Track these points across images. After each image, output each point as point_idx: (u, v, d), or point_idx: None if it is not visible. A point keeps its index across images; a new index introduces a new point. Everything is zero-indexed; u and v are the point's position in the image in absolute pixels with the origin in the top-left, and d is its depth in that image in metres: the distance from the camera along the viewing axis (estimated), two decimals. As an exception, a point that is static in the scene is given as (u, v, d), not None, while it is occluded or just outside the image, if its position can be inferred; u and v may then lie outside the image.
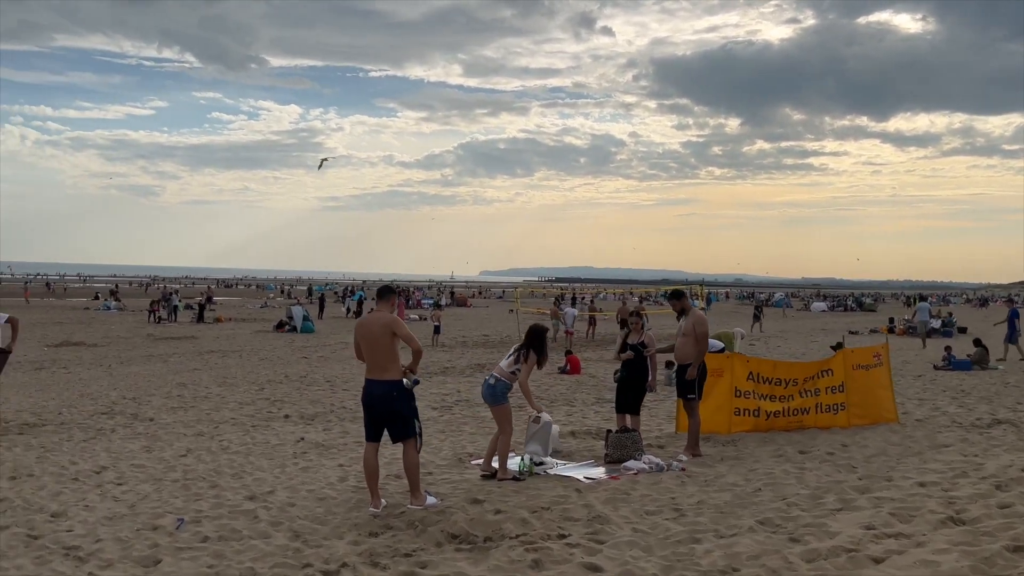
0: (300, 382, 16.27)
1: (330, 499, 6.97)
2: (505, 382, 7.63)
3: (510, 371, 7.68)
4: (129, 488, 7.52)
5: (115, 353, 23.38)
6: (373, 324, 6.68)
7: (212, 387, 15.43)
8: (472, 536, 5.78)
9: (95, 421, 11.43)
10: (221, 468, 8.37)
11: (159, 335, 29.97)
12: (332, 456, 9.05)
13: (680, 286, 53.44)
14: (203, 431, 10.70)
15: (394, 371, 6.59)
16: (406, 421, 6.63)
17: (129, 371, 18.61)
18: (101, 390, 14.95)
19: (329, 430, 10.84)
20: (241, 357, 22.27)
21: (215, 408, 12.74)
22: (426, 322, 37.59)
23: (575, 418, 11.59)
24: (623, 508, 6.32)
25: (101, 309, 46.40)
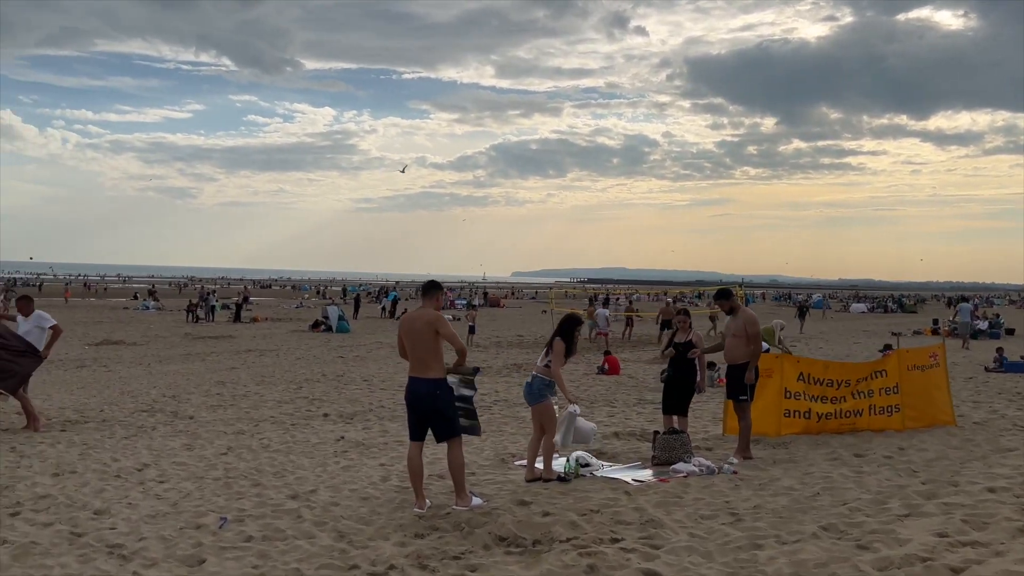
0: (337, 381, 16.23)
1: (373, 499, 6.84)
2: (541, 378, 7.43)
3: (543, 365, 7.49)
4: (171, 486, 7.45)
5: (154, 352, 23.59)
6: (417, 321, 6.53)
7: (250, 385, 15.43)
8: (521, 539, 5.60)
9: (136, 419, 11.44)
10: (262, 466, 8.29)
11: (197, 334, 30.23)
12: (373, 455, 8.93)
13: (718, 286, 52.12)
14: (243, 429, 10.65)
15: (437, 369, 6.43)
16: (450, 420, 6.47)
17: (168, 369, 18.72)
18: (141, 388, 15.02)
19: (369, 429, 10.73)
20: (278, 356, 22.34)
21: (254, 406, 12.71)
22: (460, 322, 37.64)
23: (617, 419, 11.37)
24: (676, 512, 6.10)
25: (140, 309, 47.03)
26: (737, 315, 8.66)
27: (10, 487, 7.35)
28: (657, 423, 10.82)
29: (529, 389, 7.52)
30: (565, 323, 7.60)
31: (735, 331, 8.56)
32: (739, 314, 8.66)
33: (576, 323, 7.66)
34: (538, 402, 7.45)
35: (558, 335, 7.50)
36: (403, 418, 11.52)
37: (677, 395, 8.77)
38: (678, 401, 8.77)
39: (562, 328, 7.55)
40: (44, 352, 10.53)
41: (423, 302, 6.69)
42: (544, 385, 7.41)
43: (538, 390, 7.43)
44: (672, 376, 8.84)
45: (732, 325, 8.66)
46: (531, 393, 7.50)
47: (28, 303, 10.80)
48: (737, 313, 8.69)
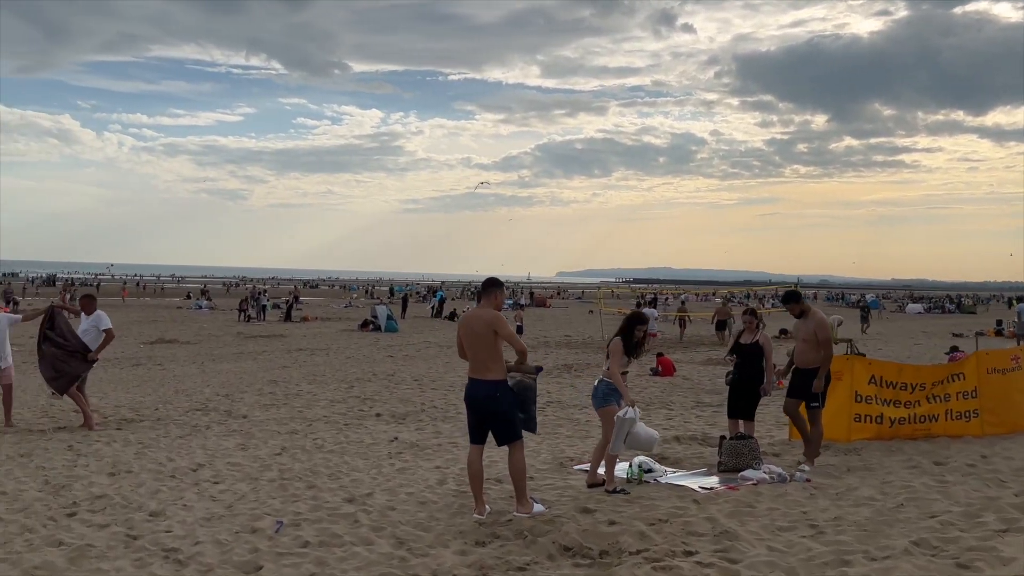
0: (388, 380, 16.13)
1: (431, 503, 6.63)
2: (607, 381, 7.10)
3: (607, 367, 7.16)
4: (226, 487, 7.34)
5: (207, 350, 23.81)
6: (476, 321, 6.29)
7: (303, 384, 15.40)
8: (587, 549, 5.34)
9: (190, 417, 11.43)
10: (317, 468, 8.14)
11: (249, 333, 30.51)
12: (428, 457, 8.73)
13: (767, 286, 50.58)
14: (296, 429, 10.55)
15: (497, 371, 6.19)
16: (510, 423, 6.22)
17: (221, 368, 18.83)
18: (195, 387, 15.08)
19: (422, 430, 10.55)
20: (328, 355, 22.39)
21: (307, 406, 12.64)
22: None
23: (676, 422, 11.02)
24: (751, 523, 5.77)
25: (193, 308, 47.79)
26: (807, 318, 8.21)
27: (67, 486, 7.31)
28: (718, 427, 10.47)
29: (595, 392, 7.23)
30: (627, 321, 7.30)
31: (805, 335, 8.13)
32: (810, 317, 8.21)
33: (639, 321, 7.32)
34: (602, 406, 7.13)
35: (618, 334, 7.20)
36: (456, 419, 11.39)
37: (743, 398, 8.40)
38: (744, 405, 8.41)
39: (623, 327, 7.25)
40: (93, 355, 10.53)
41: (482, 300, 6.45)
42: (610, 389, 7.07)
43: (603, 394, 7.11)
44: (738, 379, 8.47)
45: (802, 329, 8.21)
46: (596, 396, 7.20)
47: (91, 302, 10.84)
48: (808, 316, 8.24)
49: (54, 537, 5.73)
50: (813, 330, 8.07)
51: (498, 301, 6.40)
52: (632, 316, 7.41)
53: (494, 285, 6.44)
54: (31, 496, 6.95)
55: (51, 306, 11.00)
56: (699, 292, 77.72)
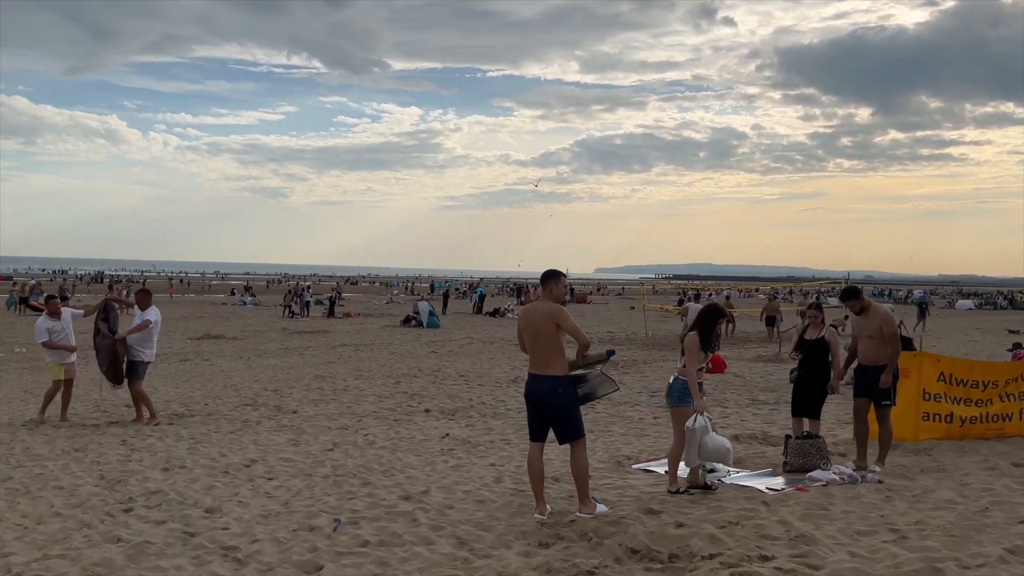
0: (434, 376, 16.03)
1: (489, 502, 6.46)
2: (683, 380, 6.73)
3: (682, 365, 6.84)
4: (280, 483, 7.25)
5: (253, 346, 23.97)
6: (536, 314, 6.10)
7: (349, 380, 15.37)
8: (655, 552, 5.13)
9: (240, 412, 11.42)
10: (370, 464, 8.03)
11: (293, 329, 30.70)
12: (481, 454, 8.57)
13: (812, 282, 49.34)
14: (347, 424, 10.47)
15: (559, 366, 5.99)
16: (573, 420, 6.02)
17: (267, 363, 18.91)
18: (243, 382, 15.12)
19: (472, 426, 10.40)
20: (372, 351, 22.40)
21: (355, 401, 12.57)
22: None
23: (732, 420, 10.73)
24: (827, 526, 5.51)
25: (237, 304, 48.35)
26: (869, 314, 7.83)
27: (122, 481, 7.29)
28: (777, 425, 10.18)
29: (669, 391, 6.88)
30: (704, 315, 6.90)
31: (870, 332, 7.75)
32: (871, 313, 7.84)
33: (718, 315, 6.93)
34: (676, 406, 6.75)
35: (693, 328, 6.85)
36: (505, 415, 11.24)
37: (809, 396, 8.08)
38: (810, 402, 8.09)
39: (699, 321, 6.86)
40: (122, 335, 10.54)
41: (542, 293, 6.24)
42: (686, 388, 6.70)
43: (678, 393, 6.72)
44: (803, 376, 8.15)
45: (865, 326, 7.81)
46: (671, 395, 6.84)
47: (146, 297, 10.87)
48: (869, 312, 7.87)
49: (112, 533, 5.68)
50: (878, 326, 7.72)
51: (557, 293, 6.15)
52: (712, 308, 7.02)
53: (553, 276, 6.19)
54: (87, 491, 6.94)
55: (106, 299, 11.09)
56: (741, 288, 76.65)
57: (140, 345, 10.41)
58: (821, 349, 8.09)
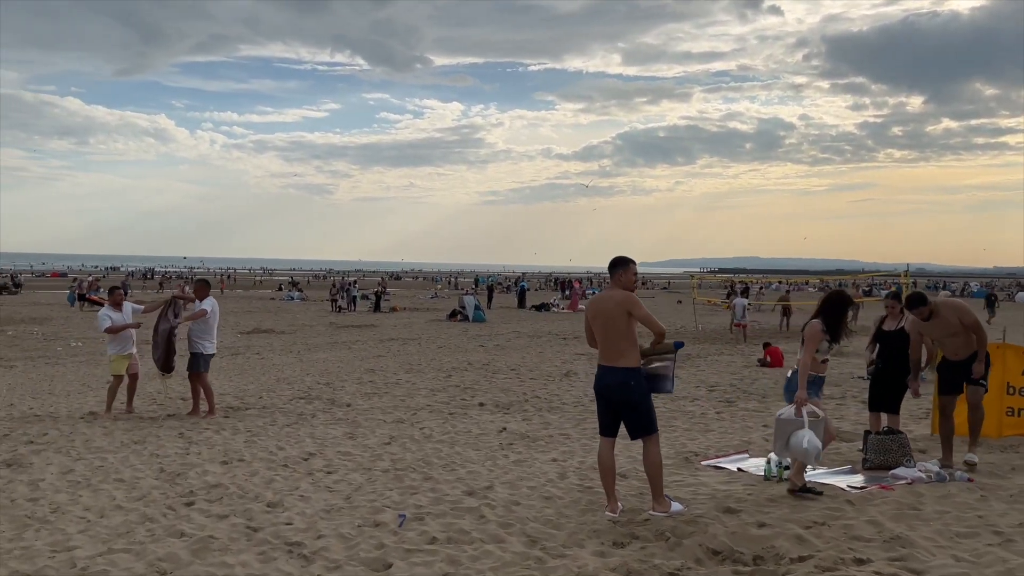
0: (484, 370, 15.85)
1: (556, 499, 6.23)
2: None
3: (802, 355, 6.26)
4: (340, 477, 7.11)
5: (302, 340, 24.06)
6: (606, 303, 5.83)
7: (400, 373, 15.26)
8: (738, 553, 4.85)
9: (295, 406, 11.35)
10: (429, 458, 7.85)
11: (341, 323, 30.83)
12: (541, 449, 8.34)
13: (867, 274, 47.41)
14: (402, 418, 10.32)
15: (631, 357, 5.73)
16: (646, 414, 5.75)
17: (317, 357, 18.92)
18: (295, 375, 15.11)
19: (529, 420, 10.17)
20: (420, 345, 22.32)
21: (408, 395, 12.44)
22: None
23: (798, 414, 10.32)
24: (921, 527, 5.17)
25: (285, 299, 48.83)
26: (941, 314, 7.19)
27: (182, 474, 7.21)
28: (846, 420, 9.79)
29: (788, 384, 6.43)
30: (830, 302, 6.30)
31: (950, 330, 7.19)
32: (943, 311, 7.19)
33: (846, 303, 6.36)
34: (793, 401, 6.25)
35: (816, 316, 6.27)
36: (561, 409, 11.00)
37: (888, 390, 7.71)
38: (890, 397, 7.71)
39: (824, 308, 6.27)
40: (180, 320, 10.68)
41: (611, 281, 5.96)
42: (811, 381, 6.21)
43: (796, 387, 6.27)
44: (882, 369, 7.76)
45: (939, 326, 7.21)
46: (789, 390, 6.39)
47: (205, 288, 10.91)
48: (939, 312, 7.19)
49: (175, 528, 5.57)
50: (956, 320, 7.17)
51: (626, 280, 5.83)
52: (839, 295, 6.38)
53: (621, 263, 5.88)
54: (148, 484, 6.87)
55: (173, 296, 11.15)
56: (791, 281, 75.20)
57: (199, 336, 10.40)
58: (901, 340, 7.70)
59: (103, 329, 10.59)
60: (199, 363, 10.39)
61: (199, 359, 10.39)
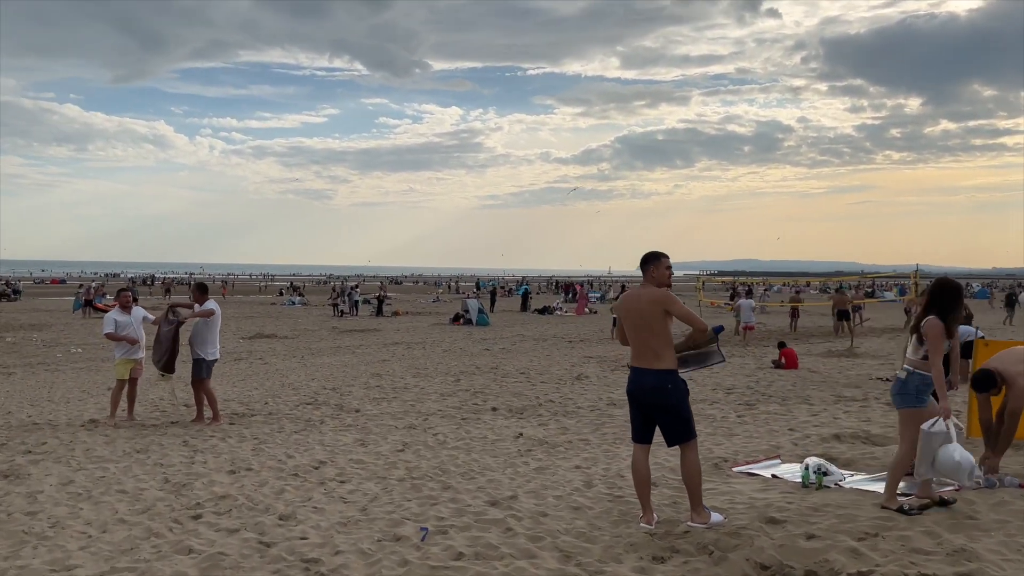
0: (493, 374, 15.51)
1: (585, 509, 5.88)
2: (920, 374, 5.56)
3: (919, 356, 5.57)
4: (354, 487, 6.76)
5: (305, 345, 23.73)
6: (640, 300, 5.49)
7: (407, 378, 14.92)
8: (788, 568, 4.51)
9: (302, 412, 11.00)
10: (446, 466, 7.51)
11: (343, 328, 30.49)
12: (562, 456, 7.99)
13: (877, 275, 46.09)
14: (413, 424, 9.97)
15: (668, 358, 5.39)
16: (684, 419, 5.41)
17: (321, 362, 18.58)
18: (300, 380, 14.77)
19: (545, 425, 9.82)
20: (425, 348, 22.00)
21: (418, 399, 12.09)
22: (596, 315, 36.68)
23: (823, 419, 9.99)
24: (983, 539, 4.82)
25: (286, 304, 48.47)
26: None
27: (188, 484, 6.86)
28: (873, 423, 9.45)
29: (902, 387, 5.65)
30: (941, 292, 5.61)
31: None
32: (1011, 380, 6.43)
33: (959, 292, 5.72)
34: (909, 406, 5.61)
35: (929, 312, 5.57)
36: (576, 414, 10.65)
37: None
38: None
39: (935, 300, 5.60)
40: (180, 316, 10.38)
41: (644, 277, 5.60)
42: (925, 384, 5.57)
43: (915, 390, 5.58)
44: None
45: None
46: (903, 393, 5.64)
47: (203, 292, 10.58)
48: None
49: (183, 543, 5.22)
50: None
51: (659, 276, 5.48)
52: (949, 284, 5.66)
53: (653, 258, 5.53)
54: (152, 495, 6.52)
55: (169, 305, 10.87)
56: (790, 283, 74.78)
57: (200, 342, 10.06)
58: None
59: (104, 332, 10.27)
60: (201, 369, 10.05)
61: (201, 365, 10.05)
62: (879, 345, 21.51)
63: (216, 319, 10.23)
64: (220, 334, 10.58)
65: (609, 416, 10.42)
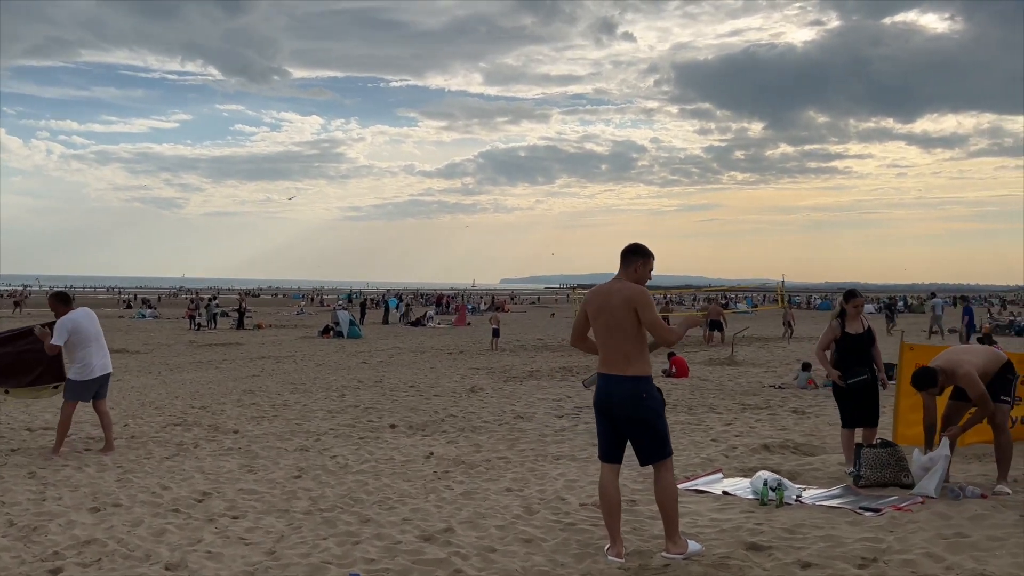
0: (379, 388, 14.46)
1: (538, 541, 5.10)
2: None
3: None
4: (252, 523, 5.68)
5: (162, 360, 21.72)
6: (612, 296, 4.76)
7: (285, 394, 13.64)
8: (795, 604, 3.90)
9: (170, 434, 9.63)
10: (356, 494, 6.53)
11: (202, 342, 28.36)
12: (486, 477, 7.17)
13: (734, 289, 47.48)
14: (305, 445, 8.86)
15: (642, 364, 4.71)
16: (660, 434, 4.74)
17: (184, 378, 16.89)
18: (161, 398, 13.19)
19: (455, 443, 8.96)
20: (296, 363, 20.58)
21: (302, 417, 10.93)
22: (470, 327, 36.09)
23: (740, 428, 9.66)
24: (989, 560, 4.40)
25: (136, 317, 45.08)
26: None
27: (40, 528, 5.57)
28: (795, 432, 9.19)
29: None
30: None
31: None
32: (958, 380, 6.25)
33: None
34: None
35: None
36: (487, 429, 9.84)
37: (869, 400, 6.99)
38: (872, 408, 7.01)
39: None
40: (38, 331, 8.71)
41: (621, 271, 4.89)
42: None
43: None
44: (870, 379, 6.98)
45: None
46: None
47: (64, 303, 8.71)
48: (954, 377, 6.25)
49: (41, 610, 4.05)
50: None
51: (643, 273, 4.82)
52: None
53: (642, 253, 4.85)
54: (-7, 545, 5.21)
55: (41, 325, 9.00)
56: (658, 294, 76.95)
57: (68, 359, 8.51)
58: (870, 343, 7.07)
59: None
60: (68, 390, 8.50)
61: (68, 385, 8.52)
62: (753, 354, 21.91)
63: (79, 332, 8.51)
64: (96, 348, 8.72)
65: (520, 431, 9.68)
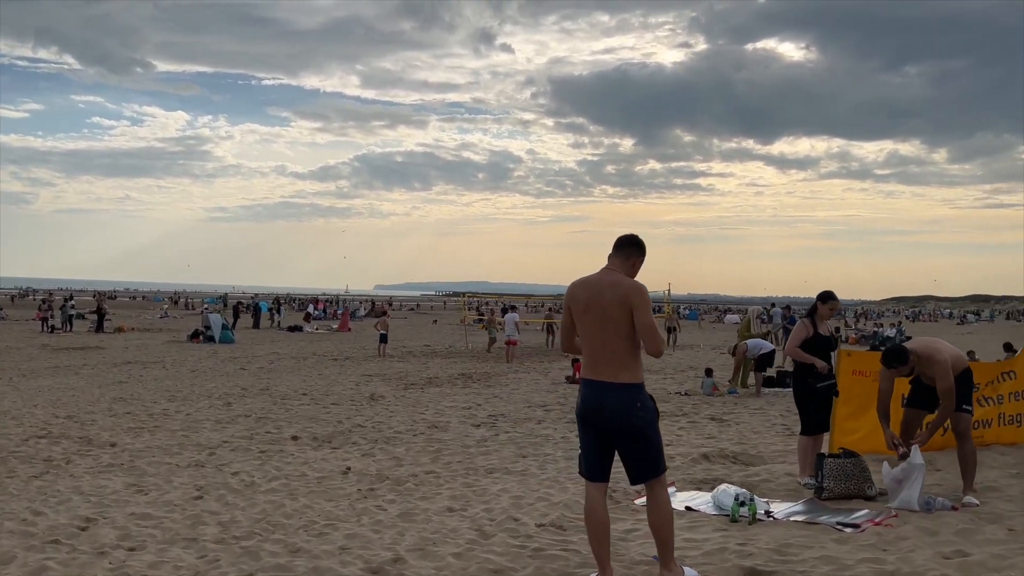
0: (267, 396, 13.35)
1: (508, 571, 4.45)
2: None
3: None
4: (155, 557, 4.75)
5: (11, 365, 19.52)
6: (604, 291, 4.16)
7: (162, 402, 12.33)
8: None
9: (35, 448, 8.34)
10: (273, 517, 5.66)
11: (57, 345, 25.89)
12: (419, 495, 6.42)
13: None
14: (199, 460, 7.83)
15: (634, 370, 4.15)
16: (654, 448, 4.19)
17: (40, 385, 15.12)
18: (17, 407, 11.63)
19: (371, 456, 8.15)
20: (167, 368, 18.95)
21: (189, 428, 9.79)
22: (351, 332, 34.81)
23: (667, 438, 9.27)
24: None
25: (-24, 318, 41.00)
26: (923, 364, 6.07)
27: None
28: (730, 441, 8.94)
29: None
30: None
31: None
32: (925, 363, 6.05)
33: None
34: None
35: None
36: (403, 440, 9.05)
37: (827, 407, 6.74)
38: (827, 414, 6.76)
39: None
40: None
41: (612, 263, 4.31)
42: None
43: None
44: (834, 385, 6.70)
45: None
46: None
47: None
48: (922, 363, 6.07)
49: None
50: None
51: (636, 271, 4.27)
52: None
53: (639, 247, 4.31)
54: None
55: None
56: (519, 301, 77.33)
57: None
58: (834, 348, 6.84)
59: None
60: None
61: None
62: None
63: None
64: None
65: (439, 441, 8.97)
